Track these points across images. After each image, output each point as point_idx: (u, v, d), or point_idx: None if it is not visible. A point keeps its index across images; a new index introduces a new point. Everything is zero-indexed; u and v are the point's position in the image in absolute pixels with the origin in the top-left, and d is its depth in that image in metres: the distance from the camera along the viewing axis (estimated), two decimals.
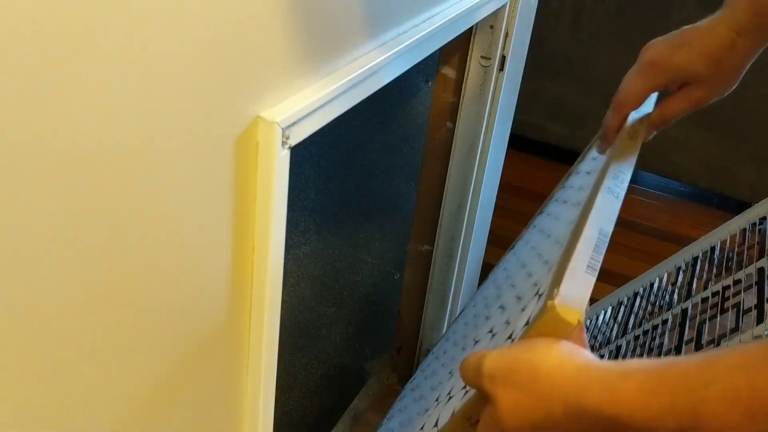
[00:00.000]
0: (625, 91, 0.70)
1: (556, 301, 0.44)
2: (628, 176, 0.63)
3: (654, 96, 0.72)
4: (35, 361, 0.41)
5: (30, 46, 0.33)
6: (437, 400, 0.69)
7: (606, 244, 0.51)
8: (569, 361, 0.43)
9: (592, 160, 0.80)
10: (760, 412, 0.35)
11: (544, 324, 0.45)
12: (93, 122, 0.38)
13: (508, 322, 0.61)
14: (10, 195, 0.35)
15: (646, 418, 0.39)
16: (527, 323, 0.50)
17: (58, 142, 0.37)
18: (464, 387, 0.58)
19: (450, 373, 0.73)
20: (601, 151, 0.74)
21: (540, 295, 0.52)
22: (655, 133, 0.72)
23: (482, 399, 0.47)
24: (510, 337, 0.55)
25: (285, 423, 1.17)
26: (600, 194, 0.57)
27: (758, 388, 0.35)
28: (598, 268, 0.48)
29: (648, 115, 0.71)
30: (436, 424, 0.62)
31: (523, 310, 0.57)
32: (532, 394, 0.43)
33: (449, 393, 0.65)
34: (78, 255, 0.41)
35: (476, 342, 0.70)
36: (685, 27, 0.68)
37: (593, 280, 0.47)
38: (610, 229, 0.53)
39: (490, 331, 0.67)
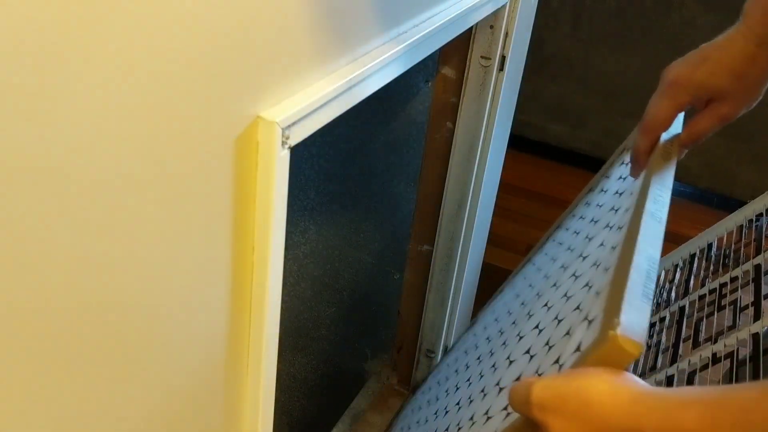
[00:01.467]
0: (652, 113, 0.70)
1: (618, 331, 0.43)
2: (667, 199, 0.63)
3: (681, 116, 0.72)
4: (27, 357, 0.41)
5: (28, 46, 0.33)
6: (472, 419, 0.68)
7: (656, 271, 0.51)
8: (623, 389, 0.43)
9: (620, 180, 0.80)
10: None
11: (604, 353, 0.44)
12: (92, 122, 0.38)
13: (548, 345, 0.61)
14: (9, 195, 0.35)
15: None
16: (578, 349, 0.49)
17: (57, 142, 0.37)
18: (505, 408, 0.58)
19: (482, 391, 0.73)
20: (634, 176, 0.74)
21: (589, 321, 0.52)
22: (686, 151, 0.72)
23: (529, 424, 0.47)
24: (557, 361, 0.54)
25: (285, 423, 1.17)
26: (644, 220, 0.57)
27: None
28: (652, 297, 0.48)
29: (678, 135, 0.71)
30: None
31: (568, 333, 0.57)
32: (585, 422, 0.43)
33: (486, 413, 0.64)
34: (77, 254, 0.41)
35: (511, 362, 0.70)
36: (704, 44, 0.68)
37: (649, 308, 0.46)
38: (657, 255, 0.53)
39: (527, 352, 0.66)
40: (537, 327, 0.69)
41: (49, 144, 0.36)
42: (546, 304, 0.72)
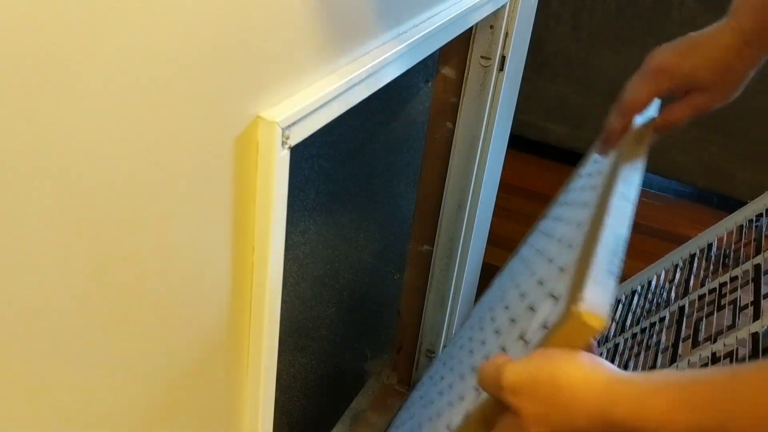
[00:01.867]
0: (631, 95, 0.70)
1: (582, 307, 0.44)
2: (638, 180, 0.63)
3: (657, 100, 0.72)
4: (30, 359, 0.41)
5: (27, 47, 0.33)
6: (450, 404, 0.69)
7: (623, 248, 0.51)
8: (596, 376, 0.44)
9: (593, 162, 0.80)
10: None
11: (568, 329, 0.44)
12: (91, 122, 0.38)
13: (513, 320, 0.61)
14: (10, 195, 0.35)
15: None
16: (545, 326, 0.50)
17: (57, 142, 0.37)
18: (476, 388, 0.58)
19: (460, 376, 0.73)
20: (603, 154, 0.74)
21: (556, 298, 0.52)
22: (658, 136, 0.72)
23: (499, 405, 0.48)
24: (522, 337, 0.55)
25: (285, 423, 1.17)
26: (613, 199, 0.57)
27: None
28: (617, 273, 0.48)
29: (653, 120, 0.71)
30: (448, 427, 0.62)
31: (531, 308, 0.57)
32: (556, 407, 0.44)
33: (461, 396, 0.65)
34: (77, 255, 0.41)
35: (483, 343, 0.70)
36: (692, 33, 0.68)
37: (614, 284, 0.47)
38: (625, 233, 0.54)
39: (497, 331, 0.67)
40: (507, 306, 0.69)
41: (48, 144, 0.36)
42: (516, 284, 0.73)
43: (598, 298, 0.45)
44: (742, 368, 0.39)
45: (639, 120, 0.71)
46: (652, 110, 0.72)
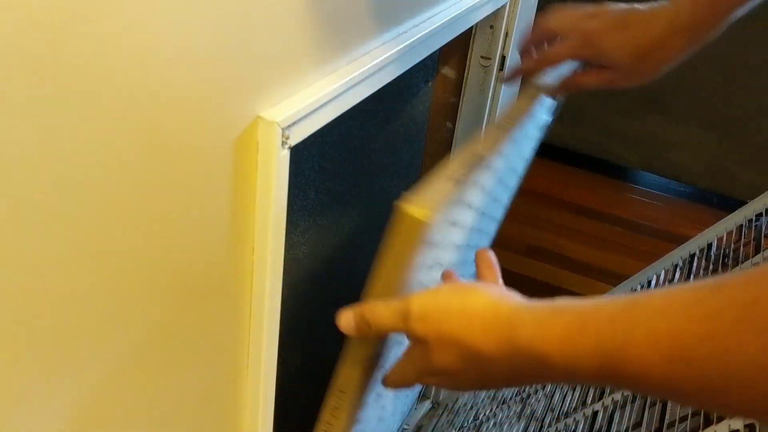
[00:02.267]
0: (554, 50, 0.73)
1: (406, 204, 0.46)
2: (523, 121, 0.67)
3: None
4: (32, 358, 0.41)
5: (26, 47, 0.33)
6: None
7: (477, 164, 0.54)
8: (502, 302, 0.45)
9: None
10: (678, 358, 0.36)
11: (398, 227, 0.47)
12: (91, 122, 0.38)
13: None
14: (16, 193, 0.35)
15: (572, 355, 0.40)
16: None
17: (56, 143, 0.37)
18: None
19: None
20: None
21: None
22: (561, 92, 0.77)
23: (365, 342, 0.51)
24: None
25: (285, 423, 1.17)
26: (487, 128, 0.61)
27: (677, 335, 0.37)
28: (458, 179, 0.50)
29: (562, 76, 0.75)
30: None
31: None
32: (466, 334, 0.45)
33: None
34: (76, 256, 0.41)
35: None
36: (636, 6, 0.69)
37: (451, 186, 0.49)
38: (485, 153, 0.56)
39: None
40: None
41: (48, 144, 0.36)
42: None
43: (426, 196, 0.47)
44: (641, 295, 0.40)
45: (552, 72, 0.75)
46: (567, 66, 0.76)
